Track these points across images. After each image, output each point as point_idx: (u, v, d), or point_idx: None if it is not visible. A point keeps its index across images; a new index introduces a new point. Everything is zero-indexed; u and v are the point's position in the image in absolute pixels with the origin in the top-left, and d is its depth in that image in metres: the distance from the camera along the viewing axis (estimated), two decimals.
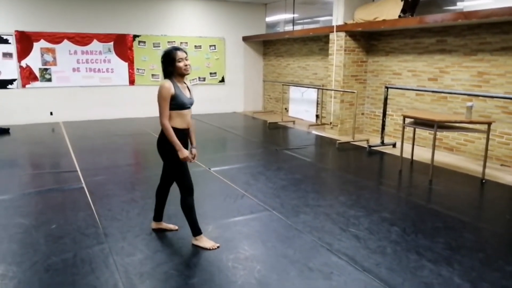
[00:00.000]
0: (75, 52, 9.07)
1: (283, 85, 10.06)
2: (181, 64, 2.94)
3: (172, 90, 2.90)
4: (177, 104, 2.95)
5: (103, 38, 9.28)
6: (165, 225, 3.45)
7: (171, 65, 2.95)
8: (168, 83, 2.92)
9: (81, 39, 9.07)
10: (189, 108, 3.07)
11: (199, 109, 10.52)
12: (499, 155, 5.73)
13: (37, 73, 8.82)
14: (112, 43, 9.39)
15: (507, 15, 5.01)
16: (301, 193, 4.40)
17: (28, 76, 8.74)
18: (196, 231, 3.15)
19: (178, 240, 3.25)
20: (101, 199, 4.18)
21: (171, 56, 2.93)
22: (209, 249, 3.08)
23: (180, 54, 2.94)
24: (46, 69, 8.88)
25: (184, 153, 3.00)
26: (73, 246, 3.13)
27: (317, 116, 9.33)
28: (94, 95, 9.44)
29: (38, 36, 8.68)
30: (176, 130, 2.99)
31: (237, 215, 3.78)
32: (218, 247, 3.11)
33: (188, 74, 3.02)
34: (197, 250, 3.10)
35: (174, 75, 2.98)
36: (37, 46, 8.71)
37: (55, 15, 8.77)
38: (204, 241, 3.14)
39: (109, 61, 9.44)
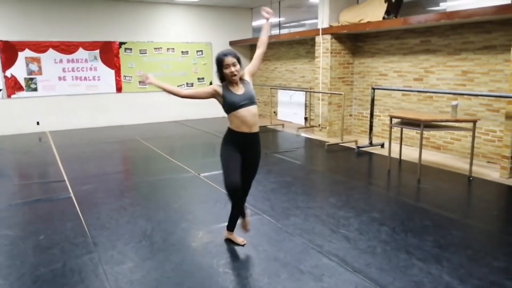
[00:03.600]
0: (61, 61, 9.00)
1: (271, 88, 10.09)
2: (227, 71, 2.87)
3: (218, 91, 2.93)
4: (226, 105, 2.93)
5: (89, 46, 9.23)
6: (234, 236, 3.31)
7: (219, 71, 2.93)
8: (216, 86, 2.96)
9: (67, 48, 9.00)
10: (242, 106, 2.90)
11: (188, 115, 10.52)
12: (485, 153, 5.81)
13: (23, 83, 8.72)
14: (98, 50, 9.33)
15: (488, 14, 5.10)
16: (291, 196, 4.41)
17: (13, 86, 8.64)
18: (228, 226, 3.26)
19: (168, 247, 3.23)
20: (89, 208, 4.14)
21: (218, 61, 2.90)
22: (240, 245, 3.20)
23: (227, 60, 2.86)
24: (31, 79, 8.80)
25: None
26: (62, 256, 3.09)
27: (305, 118, 9.36)
28: (81, 104, 9.37)
29: (22, 45, 8.59)
30: (232, 132, 2.97)
31: (227, 220, 3.76)
32: (244, 244, 3.21)
33: (235, 82, 2.92)
34: (188, 256, 3.08)
35: (226, 79, 2.96)
36: (22, 55, 8.62)
37: (39, 24, 8.70)
38: (233, 237, 3.26)
39: (96, 69, 9.38)
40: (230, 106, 2.91)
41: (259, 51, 3.16)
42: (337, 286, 2.64)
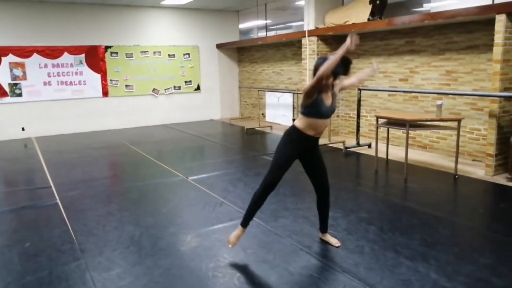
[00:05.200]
0: (46, 66, 8.89)
1: (258, 91, 10.11)
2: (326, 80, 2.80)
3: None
4: (313, 108, 2.85)
5: (74, 50, 9.14)
6: (328, 237, 3.26)
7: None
8: None
9: (51, 52, 8.90)
10: (324, 117, 2.91)
11: (176, 118, 10.48)
12: (470, 151, 5.89)
13: (7, 89, 8.60)
14: (83, 55, 9.25)
15: (471, 15, 5.18)
16: (279, 197, 4.41)
17: None
18: (243, 221, 3.10)
19: (156, 252, 3.20)
20: (76, 214, 4.09)
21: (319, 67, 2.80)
22: (228, 243, 3.11)
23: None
24: (16, 84, 8.67)
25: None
26: (49, 264, 3.05)
27: (293, 120, 9.37)
28: (67, 109, 9.27)
29: (6, 50, 8.47)
30: (298, 131, 2.94)
31: (216, 223, 3.76)
32: (231, 246, 3.11)
33: (328, 89, 2.89)
34: (176, 260, 3.07)
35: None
36: (6, 60, 8.50)
37: (23, 28, 8.59)
38: (233, 234, 3.12)
39: (81, 73, 9.29)
40: (314, 112, 2.86)
41: (352, 81, 3.25)
42: (325, 286, 2.65)
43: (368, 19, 6.72)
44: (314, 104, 2.86)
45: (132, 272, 2.90)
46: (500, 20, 4.82)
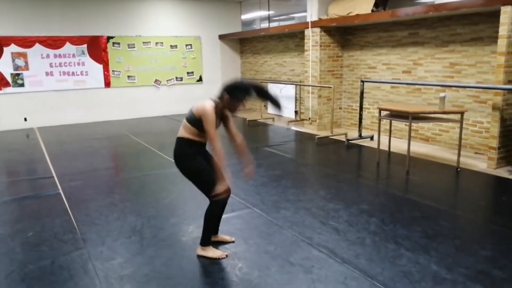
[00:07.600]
0: (48, 56, 8.87)
1: (261, 82, 10.06)
2: (239, 107, 2.96)
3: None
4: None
5: (76, 40, 9.11)
6: (221, 237, 3.21)
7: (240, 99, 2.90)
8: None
9: (53, 42, 8.88)
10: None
11: (178, 109, 10.46)
12: (472, 144, 5.88)
13: (9, 79, 8.59)
14: (85, 45, 9.22)
15: (475, 6, 5.13)
16: (281, 189, 4.42)
17: None
18: (205, 241, 2.99)
19: (158, 242, 3.22)
20: (78, 204, 4.11)
21: (245, 95, 2.90)
22: (218, 259, 2.92)
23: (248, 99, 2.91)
24: (18, 74, 8.67)
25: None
26: (51, 253, 3.07)
27: (296, 112, 9.37)
28: (69, 99, 9.26)
29: (8, 40, 8.45)
30: (192, 140, 3.20)
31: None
32: (226, 255, 2.95)
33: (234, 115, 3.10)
34: (178, 251, 3.08)
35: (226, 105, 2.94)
36: (8, 50, 8.48)
37: (25, 18, 8.55)
38: (211, 251, 2.97)
39: (83, 64, 9.27)
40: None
41: (236, 137, 3.30)
42: (326, 277, 2.66)
43: (372, 10, 6.67)
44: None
45: (134, 262, 2.92)
46: (506, 12, 4.77)
